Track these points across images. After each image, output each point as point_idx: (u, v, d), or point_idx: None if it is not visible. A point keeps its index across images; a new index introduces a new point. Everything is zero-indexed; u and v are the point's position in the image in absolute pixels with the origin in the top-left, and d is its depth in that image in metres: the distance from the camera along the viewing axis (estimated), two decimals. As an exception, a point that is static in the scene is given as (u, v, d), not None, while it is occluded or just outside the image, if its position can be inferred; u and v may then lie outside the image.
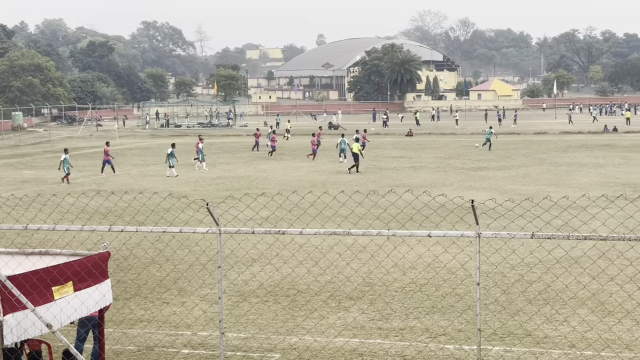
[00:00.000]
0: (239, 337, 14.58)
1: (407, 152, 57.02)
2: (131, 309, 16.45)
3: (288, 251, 20.54)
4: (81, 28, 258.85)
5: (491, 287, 17.36)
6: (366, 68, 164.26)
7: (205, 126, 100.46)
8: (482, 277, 13.45)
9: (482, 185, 36.95)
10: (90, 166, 49.74)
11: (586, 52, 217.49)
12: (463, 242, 20.49)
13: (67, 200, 24.99)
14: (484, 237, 10.64)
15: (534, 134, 75.42)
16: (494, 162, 48.24)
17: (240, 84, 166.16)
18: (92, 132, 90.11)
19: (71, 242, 21.08)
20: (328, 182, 38.88)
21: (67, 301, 10.47)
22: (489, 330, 14.50)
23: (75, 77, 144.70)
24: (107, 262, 11.38)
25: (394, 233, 10.98)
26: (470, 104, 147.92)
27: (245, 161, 51.41)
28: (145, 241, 22.30)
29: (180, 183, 39.67)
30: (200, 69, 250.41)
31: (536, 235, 10.45)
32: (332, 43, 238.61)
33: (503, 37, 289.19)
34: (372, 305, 16.53)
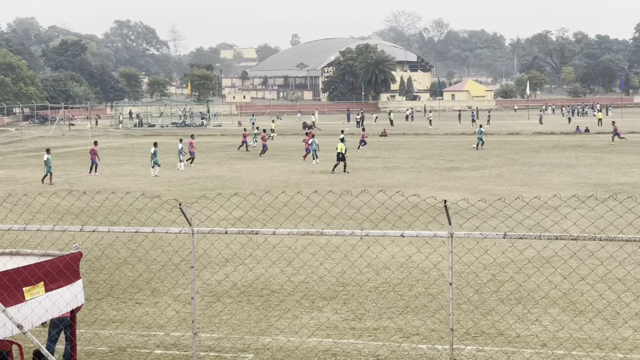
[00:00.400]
0: (212, 337, 14.54)
1: (381, 152, 57.15)
2: (103, 309, 16.36)
3: (261, 251, 20.52)
4: (54, 27, 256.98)
5: (464, 287, 17.44)
6: (340, 68, 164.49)
7: (179, 126, 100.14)
8: (454, 277, 13.51)
9: (456, 185, 37.11)
10: (62, 166, 49.39)
11: (559, 54, 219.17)
12: (436, 242, 20.57)
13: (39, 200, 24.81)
14: (457, 237, 10.69)
15: (507, 135, 75.87)
16: (468, 162, 48.46)
17: (214, 83, 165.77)
18: (64, 132, 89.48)
19: (42, 242, 20.94)
20: (302, 182, 38.88)
21: (38, 302, 10.39)
22: (462, 330, 14.57)
23: (47, 76, 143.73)
24: (78, 262, 11.31)
25: (367, 233, 11.00)
26: (444, 104, 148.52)
27: (219, 161, 51.28)
28: (117, 241, 22.21)
29: (153, 183, 39.50)
30: (174, 68, 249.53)
31: (508, 235, 10.51)
32: (307, 43, 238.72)
33: (477, 38, 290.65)
34: (345, 305, 16.55)
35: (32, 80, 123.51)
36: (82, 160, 53.79)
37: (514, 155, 53.10)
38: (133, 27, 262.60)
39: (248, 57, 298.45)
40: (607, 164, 45.89)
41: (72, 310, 11.44)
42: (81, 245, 11.72)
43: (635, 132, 75.61)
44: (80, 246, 11.54)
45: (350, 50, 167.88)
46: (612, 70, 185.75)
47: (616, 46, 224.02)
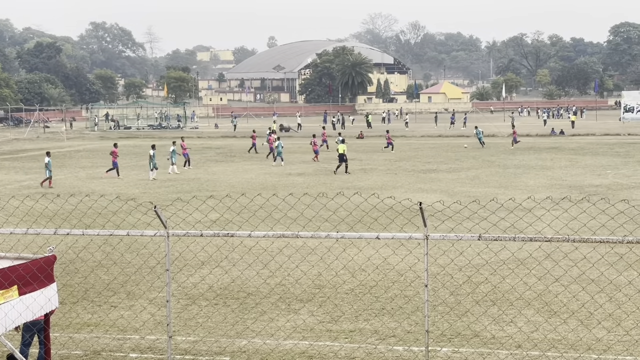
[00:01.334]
0: (187, 340, 14.50)
1: (357, 154, 57.20)
2: (78, 313, 16.26)
3: (237, 254, 20.48)
4: (28, 29, 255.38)
5: (439, 289, 17.49)
6: (317, 70, 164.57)
7: (155, 128, 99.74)
8: (430, 279, 13.55)
9: (432, 187, 37.23)
10: (37, 168, 49.03)
11: (534, 56, 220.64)
12: (411, 244, 20.61)
13: (12, 203, 24.64)
14: (432, 239, 10.72)
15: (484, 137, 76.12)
16: (444, 164, 48.63)
17: (191, 86, 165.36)
18: (39, 134, 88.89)
19: (16, 245, 20.78)
20: (279, 184, 38.85)
21: (11, 305, 10.32)
22: (437, 332, 14.62)
23: (22, 78, 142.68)
24: (52, 265, 11.23)
25: (343, 235, 11.01)
26: (420, 106, 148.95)
27: (195, 163, 51.10)
28: (92, 244, 22.08)
29: (128, 185, 39.32)
30: (150, 70, 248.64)
31: (483, 237, 10.56)
32: (283, 45, 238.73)
33: (453, 41, 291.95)
34: (321, 307, 16.56)
35: (6, 83, 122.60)
36: (56, 162, 53.45)
37: (490, 157, 53.35)
38: (109, 28, 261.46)
39: (225, 59, 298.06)
40: (582, 166, 46.22)
41: (46, 313, 11.37)
42: (55, 248, 11.64)
43: (609, 134, 76.25)
44: (54, 249, 11.47)
45: (327, 53, 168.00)
46: (586, 72, 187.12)
47: (591, 49, 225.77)
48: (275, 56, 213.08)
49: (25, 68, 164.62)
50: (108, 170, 43.78)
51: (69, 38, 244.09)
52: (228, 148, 64.86)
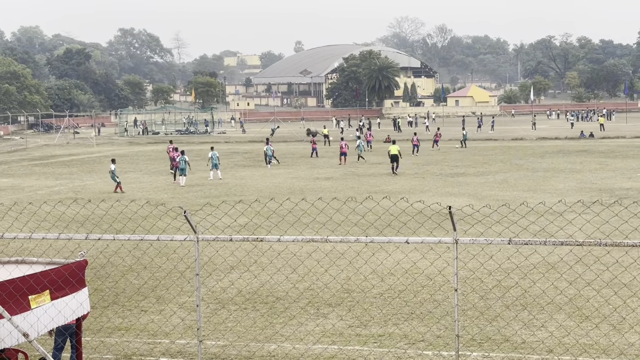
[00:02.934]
0: (217, 344, 14.54)
1: (385, 158, 57.10)
2: (109, 317, 16.37)
3: (266, 258, 20.52)
4: (58, 35, 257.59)
5: (469, 293, 17.42)
6: (344, 75, 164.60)
7: (183, 133, 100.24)
8: (460, 283, 13.49)
9: (460, 191, 37.08)
10: (67, 174, 49.46)
11: (562, 59, 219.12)
12: (441, 248, 20.55)
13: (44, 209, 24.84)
14: (462, 244, 10.69)
15: (512, 140, 75.85)
16: (472, 168, 48.44)
17: (218, 91, 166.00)
18: (68, 140, 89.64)
19: (48, 250, 20.95)
20: (306, 188, 38.88)
21: (44, 310, 10.40)
22: (467, 336, 14.55)
23: (52, 85, 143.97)
24: (84, 270, 11.32)
25: (372, 240, 11.00)
26: (448, 110, 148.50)
27: (223, 168, 51.26)
28: (122, 249, 22.22)
29: (157, 190, 39.53)
30: (178, 76, 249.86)
31: (513, 241, 10.50)
32: (310, 50, 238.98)
33: (480, 44, 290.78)
34: (350, 311, 16.54)
35: (36, 89, 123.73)
36: (87, 168, 53.92)
37: (518, 160, 53.06)
38: (137, 35, 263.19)
39: (252, 64, 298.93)
40: (612, 169, 45.83)
41: (77, 318, 11.45)
42: (86, 253, 11.74)
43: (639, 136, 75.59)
44: (85, 254, 11.56)
45: (353, 57, 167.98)
46: (616, 74, 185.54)
47: (620, 51, 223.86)
48: (302, 61, 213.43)
49: (55, 74, 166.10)
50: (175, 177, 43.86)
51: (98, 44, 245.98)
52: (255, 153, 65.01)
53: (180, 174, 41.99)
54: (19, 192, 40.32)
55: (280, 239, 11.05)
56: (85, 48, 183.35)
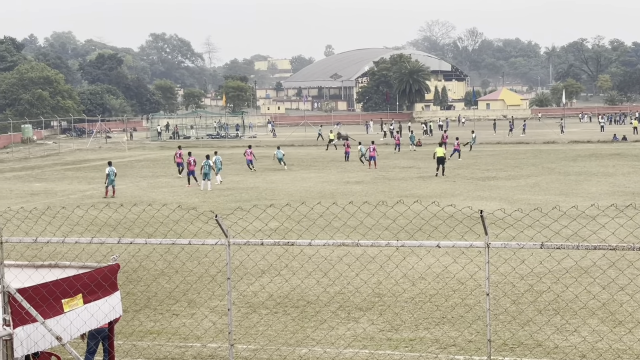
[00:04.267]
0: (248, 348, 14.58)
1: (415, 162, 57.00)
2: (141, 321, 16.46)
3: (297, 262, 20.54)
4: (90, 40, 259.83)
5: (501, 298, 17.32)
6: (374, 78, 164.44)
7: (214, 137, 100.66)
8: (491, 288, 13.42)
9: (491, 195, 36.89)
10: (99, 178, 49.82)
11: (595, 61, 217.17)
12: (472, 252, 20.46)
13: (77, 213, 25.05)
14: (493, 248, 10.63)
15: (543, 144, 75.33)
16: (503, 171, 48.17)
17: (249, 95, 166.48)
18: (101, 144, 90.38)
19: (80, 254, 21.13)
20: (337, 192, 38.88)
21: (76, 313, 10.49)
22: (499, 341, 14.46)
23: (84, 90, 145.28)
24: (116, 274, 11.40)
25: (403, 244, 10.97)
26: (478, 113, 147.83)
27: (253, 172, 51.44)
28: (154, 253, 22.36)
29: (189, 195, 39.72)
30: (208, 80, 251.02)
31: (545, 245, 10.42)
32: (341, 54, 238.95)
33: (511, 47, 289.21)
34: (381, 316, 16.51)
35: (69, 94, 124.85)
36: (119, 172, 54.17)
37: (550, 164, 52.68)
38: (168, 40, 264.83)
39: (282, 69, 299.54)
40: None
41: (110, 321, 11.54)
42: (119, 257, 11.82)
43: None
44: (117, 258, 11.64)
45: (384, 61, 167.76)
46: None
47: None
48: (333, 64, 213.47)
49: (87, 79, 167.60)
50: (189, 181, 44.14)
51: (129, 49, 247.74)
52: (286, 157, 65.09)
53: (204, 178, 42.14)
54: (52, 196, 40.69)
55: (312, 243, 11.05)
56: (117, 53, 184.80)
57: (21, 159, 72.82)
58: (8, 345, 9.59)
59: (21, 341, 9.67)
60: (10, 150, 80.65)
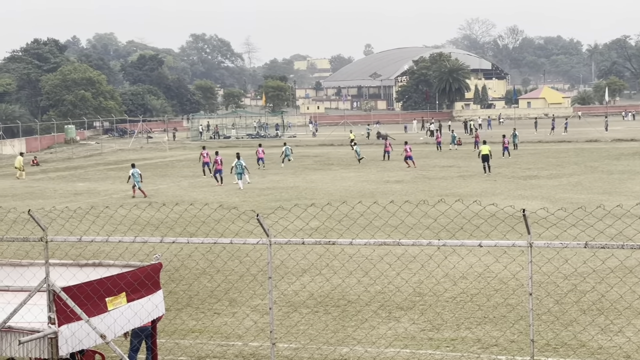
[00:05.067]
0: (289, 347, 14.60)
1: (456, 161, 56.71)
2: (183, 319, 16.58)
3: (338, 262, 20.54)
4: (131, 42, 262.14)
5: (544, 298, 17.16)
6: (414, 77, 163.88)
7: (253, 137, 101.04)
8: (534, 287, 13.31)
9: (533, 194, 36.58)
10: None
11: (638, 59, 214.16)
12: (515, 251, 20.30)
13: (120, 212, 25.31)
14: (536, 247, 10.53)
15: (586, 142, 74.49)
16: (545, 170, 47.73)
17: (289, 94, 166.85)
18: (142, 145, 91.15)
19: (124, 253, 21.34)
20: (377, 191, 38.81)
21: (120, 312, 10.58)
22: (542, 341, 14.33)
23: (126, 90, 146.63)
24: (159, 273, 11.49)
25: (445, 243, 10.92)
26: (519, 112, 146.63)
27: (293, 172, 51.55)
28: (196, 252, 22.50)
29: (230, 194, 39.91)
30: (248, 80, 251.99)
31: (590, 244, 10.31)
32: (380, 53, 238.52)
33: (553, 44, 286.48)
34: (423, 315, 16.45)
35: (111, 95, 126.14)
36: (160, 172, 54.73)
37: (592, 162, 52.09)
38: (208, 40, 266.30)
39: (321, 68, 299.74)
40: (691, 171, 44.66)
41: (152, 320, 11.63)
42: (161, 256, 11.91)
43: None
44: (160, 257, 11.73)
45: (423, 59, 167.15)
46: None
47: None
48: (372, 64, 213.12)
49: (129, 80, 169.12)
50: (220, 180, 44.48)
51: (170, 50, 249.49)
52: (325, 156, 65.18)
53: (239, 178, 42.51)
54: (95, 196, 41.13)
55: (352, 242, 11.04)
56: (158, 54, 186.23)
57: (64, 159, 73.74)
58: (53, 343, 9.71)
59: (66, 339, 9.78)
60: (54, 151, 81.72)
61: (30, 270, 11.94)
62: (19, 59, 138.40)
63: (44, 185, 48.05)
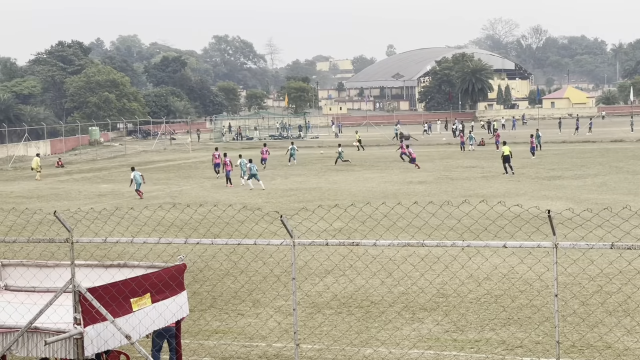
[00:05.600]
0: (313, 348, 14.60)
1: (479, 161, 56.48)
2: (207, 320, 16.62)
3: (362, 263, 20.51)
4: (155, 44, 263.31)
5: (569, 299, 17.05)
6: (437, 78, 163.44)
7: (276, 138, 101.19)
8: (559, 289, 13.22)
9: (557, 194, 36.36)
10: (164, 179, 50.49)
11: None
12: (539, 252, 20.19)
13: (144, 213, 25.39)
14: (562, 248, 10.45)
15: (610, 142, 73.96)
16: (569, 171, 47.43)
17: (311, 95, 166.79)
18: (165, 146, 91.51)
19: (148, 254, 21.43)
20: (400, 192, 38.72)
21: (145, 312, 10.63)
22: (568, 343, 14.24)
23: (149, 92, 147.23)
24: (183, 274, 11.52)
25: (469, 244, 10.87)
26: (543, 112, 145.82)
27: (316, 173, 51.57)
28: (220, 253, 22.56)
29: (252, 195, 39.97)
30: (271, 81, 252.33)
31: (616, 245, 10.22)
32: (402, 53, 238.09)
33: (577, 44, 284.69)
34: (446, 316, 16.40)
35: (134, 96, 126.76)
36: (184, 173, 54.93)
37: (617, 163, 51.69)
38: (231, 41, 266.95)
39: (344, 69, 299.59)
40: None
41: (177, 320, 11.66)
42: (185, 257, 11.94)
43: None
44: (184, 258, 11.76)
45: (446, 60, 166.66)
46: None
47: None
48: (394, 64, 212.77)
49: (152, 82, 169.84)
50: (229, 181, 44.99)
51: (193, 52, 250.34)
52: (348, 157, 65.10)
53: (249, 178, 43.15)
54: (119, 197, 41.33)
55: (376, 243, 11.02)
56: (180, 55, 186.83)
57: (89, 160, 74.18)
58: (79, 344, 9.77)
59: (91, 339, 9.83)
60: (79, 152, 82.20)
61: (56, 271, 12.02)
62: (44, 61, 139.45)
63: (69, 186, 48.35)
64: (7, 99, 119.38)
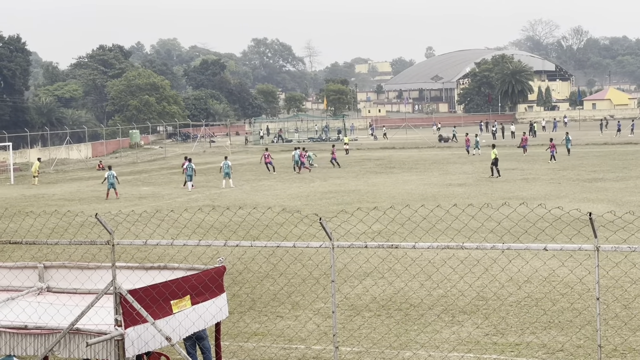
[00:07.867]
0: (352, 351, 14.59)
1: (519, 163, 56.03)
2: (246, 322, 16.68)
3: (401, 265, 20.46)
4: (194, 47, 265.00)
5: (611, 302, 16.85)
6: (476, 80, 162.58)
7: (315, 140, 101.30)
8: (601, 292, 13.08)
9: (599, 197, 35.95)
10: (204, 182, 50.77)
11: None
12: (581, 255, 19.98)
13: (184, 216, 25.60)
14: (603, 251, 10.34)
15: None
16: (611, 173, 46.89)
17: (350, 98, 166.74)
18: (205, 149, 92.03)
19: (188, 256, 21.56)
20: (439, 195, 38.56)
21: (185, 315, 10.69)
22: (610, 347, 14.08)
23: (189, 95, 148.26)
24: (222, 276, 11.57)
25: (509, 246, 10.78)
26: (584, 113, 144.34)
27: (355, 175, 51.52)
28: (259, 256, 22.63)
29: (291, 198, 40.05)
30: (309, 84, 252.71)
31: (659, 248, 10.08)
32: (441, 55, 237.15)
33: (618, 45, 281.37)
34: (486, 319, 16.29)
35: (174, 100, 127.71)
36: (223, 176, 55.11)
37: (660, 164, 50.98)
38: (270, 44, 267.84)
39: (382, 71, 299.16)
40: None
41: (216, 323, 11.72)
42: (225, 259, 11.99)
43: None
44: (224, 260, 11.81)
45: (485, 62, 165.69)
46: None
47: None
48: (433, 66, 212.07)
49: (191, 85, 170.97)
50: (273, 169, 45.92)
51: (232, 55, 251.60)
52: (387, 159, 65.00)
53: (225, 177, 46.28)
54: (159, 200, 41.65)
55: (415, 246, 10.97)
56: (220, 59, 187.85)
57: (129, 163, 74.86)
58: (120, 345, 9.84)
59: (132, 341, 9.90)
60: (119, 155, 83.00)
61: (97, 273, 12.14)
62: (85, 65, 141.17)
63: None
64: (49, 102, 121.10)
